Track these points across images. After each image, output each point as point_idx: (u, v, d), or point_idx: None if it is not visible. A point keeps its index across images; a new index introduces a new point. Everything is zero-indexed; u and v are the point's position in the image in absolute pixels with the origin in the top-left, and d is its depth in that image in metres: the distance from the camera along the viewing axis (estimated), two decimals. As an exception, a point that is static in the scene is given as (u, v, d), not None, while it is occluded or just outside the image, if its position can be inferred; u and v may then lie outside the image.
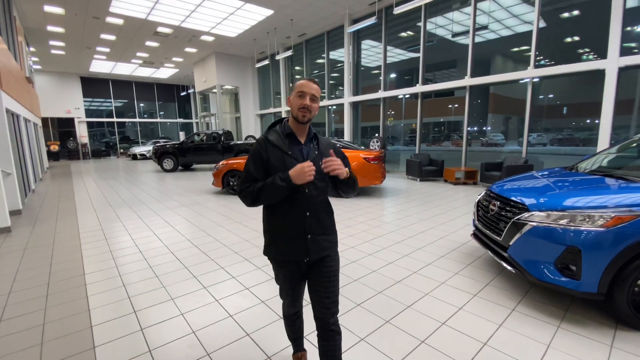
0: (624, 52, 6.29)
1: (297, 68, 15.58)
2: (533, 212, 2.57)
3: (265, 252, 1.65)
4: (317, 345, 1.67)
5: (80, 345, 2.19)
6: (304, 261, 1.58)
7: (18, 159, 6.68)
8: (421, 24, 9.86)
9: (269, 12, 11.01)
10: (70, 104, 20.08)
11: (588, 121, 7.50)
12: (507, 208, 2.86)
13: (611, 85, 6.41)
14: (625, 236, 2.16)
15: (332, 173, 1.44)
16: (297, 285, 1.68)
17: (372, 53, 11.93)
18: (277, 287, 2.93)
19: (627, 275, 2.18)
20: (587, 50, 7.21)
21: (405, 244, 4.09)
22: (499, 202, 3.01)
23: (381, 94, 11.27)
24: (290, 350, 2.02)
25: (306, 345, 2.08)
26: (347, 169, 1.49)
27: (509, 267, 2.74)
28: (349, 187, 1.60)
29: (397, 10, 8.41)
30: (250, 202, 1.52)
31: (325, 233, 1.59)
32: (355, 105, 12.66)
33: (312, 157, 1.55)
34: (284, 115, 15.82)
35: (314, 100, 1.50)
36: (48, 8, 10.06)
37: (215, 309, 2.62)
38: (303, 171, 1.40)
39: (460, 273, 3.24)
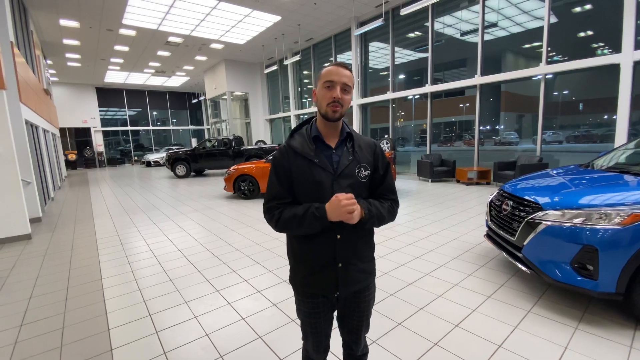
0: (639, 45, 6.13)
1: (305, 72, 15.68)
2: (547, 211, 2.52)
3: (290, 279, 1.38)
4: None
5: (98, 348, 2.24)
6: (333, 295, 1.30)
7: (37, 169, 6.91)
8: (429, 23, 9.81)
9: (276, 18, 11.14)
10: (87, 114, 20.68)
11: (605, 117, 7.30)
12: (521, 207, 2.81)
13: (627, 79, 6.24)
14: (644, 234, 2.09)
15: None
16: (324, 323, 1.35)
17: (380, 55, 11.91)
18: (288, 288, 2.97)
19: (647, 274, 2.12)
20: (601, 44, 7.04)
21: (417, 246, 4.05)
22: (512, 202, 2.96)
23: (390, 95, 11.23)
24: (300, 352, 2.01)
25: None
26: (359, 208, 1.15)
27: (523, 268, 2.68)
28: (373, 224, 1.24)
29: (404, 11, 8.39)
30: (274, 226, 1.24)
31: (361, 261, 1.29)
32: (364, 108, 12.65)
33: (345, 165, 1.23)
34: (293, 120, 16.14)
35: (346, 91, 1.18)
36: (64, 22, 10.42)
37: (228, 312, 2.65)
38: (339, 205, 1.11)
39: (473, 274, 3.19)
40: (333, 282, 1.26)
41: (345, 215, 1.12)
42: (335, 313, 1.42)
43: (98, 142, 21.22)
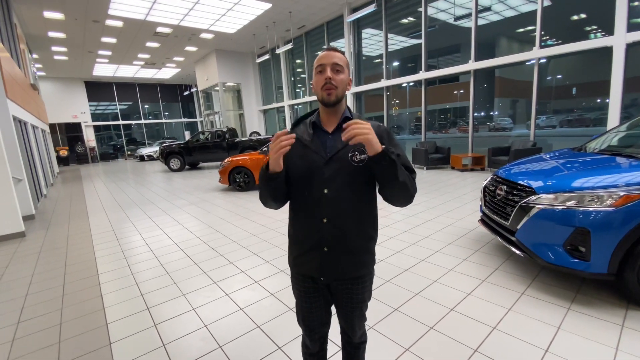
0: (632, 27, 6.10)
1: (298, 61, 15.48)
2: (540, 195, 2.54)
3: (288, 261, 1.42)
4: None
5: (97, 343, 2.25)
6: (320, 279, 1.31)
7: (28, 165, 6.80)
8: (422, 8, 9.67)
9: (267, 5, 10.92)
10: (76, 108, 20.30)
11: (598, 101, 7.32)
12: (514, 192, 2.83)
13: (619, 62, 6.23)
14: (634, 215, 2.12)
15: (352, 141, 1.03)
16: (315, 310, 1.36)
17: (373, 42, 11.77)
18: (286, 278, 2.99)
19: (637, 254, 2.15)
20: (594, 27, 7.00)
21: (413, 233, 4.08)
22: (505, 187, 2.98)
23: (384, 82, 11.14)
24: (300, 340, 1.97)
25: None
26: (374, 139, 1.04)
27: (517, 251, 2.72)
28: (392, 181, 1.10)
29: (397, -3, 8.25)
30: (262, 199, 1.28)
31: (351, 250, 1.26)
32: (358, 96, 12.56)
33: (336, 149, 1.20)
34: (287, 111, 16.00)
35: (339, 71, 1.16)
36: (48, 14, 10.13)
37: (226, 303, 2.66)
38: (271, 146, 1.09)
39: (468, 259, 3.23)
40: (318, 266, 1.26)
41: (276, 153, 1.08)
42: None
43: (89, 137, 20.90)
